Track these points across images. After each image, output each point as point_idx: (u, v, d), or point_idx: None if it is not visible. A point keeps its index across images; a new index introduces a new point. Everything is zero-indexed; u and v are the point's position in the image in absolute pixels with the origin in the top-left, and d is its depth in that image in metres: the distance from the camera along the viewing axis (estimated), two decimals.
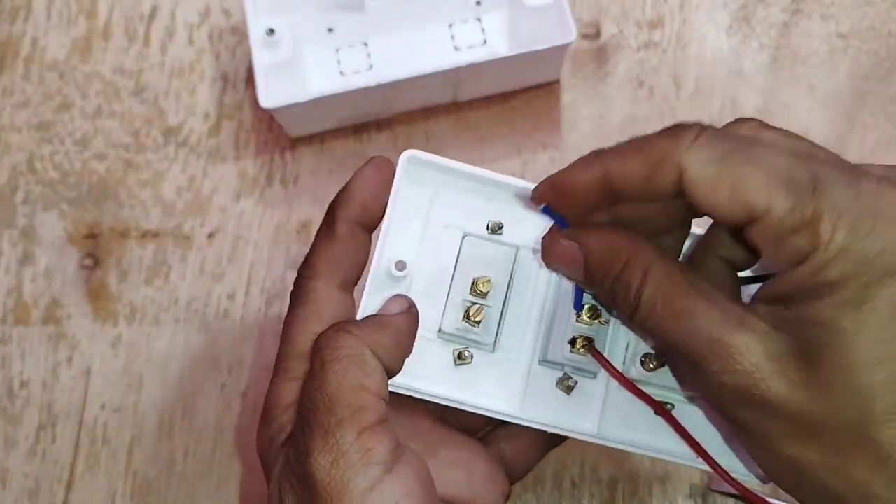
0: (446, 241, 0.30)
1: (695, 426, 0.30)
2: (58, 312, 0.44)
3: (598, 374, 0.30)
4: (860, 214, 0.22)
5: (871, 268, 0.21)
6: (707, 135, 0.24)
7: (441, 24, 0.46)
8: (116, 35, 0.49)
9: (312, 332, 0.28)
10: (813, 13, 0.48)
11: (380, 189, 0.29)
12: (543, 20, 0.44)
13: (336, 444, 0.25)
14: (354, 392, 0.26)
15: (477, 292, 0.30)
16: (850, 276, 0.22)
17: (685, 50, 0.47)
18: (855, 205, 0.22)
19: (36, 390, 0.43)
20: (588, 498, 0.40)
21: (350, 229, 0.29)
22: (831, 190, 0.22)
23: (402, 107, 0.46)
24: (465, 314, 0.30)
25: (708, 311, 0.24)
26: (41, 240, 0.45)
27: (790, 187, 0.22)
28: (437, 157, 0.30)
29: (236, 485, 0.41)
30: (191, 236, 0.45)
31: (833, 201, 0.22)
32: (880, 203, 0.22)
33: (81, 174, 0.46)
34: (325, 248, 0.29)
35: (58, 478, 0.41)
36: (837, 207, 0.22)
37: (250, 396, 0.42)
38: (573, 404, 0.30)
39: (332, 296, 0.29)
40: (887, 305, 0.21)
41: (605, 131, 0.46)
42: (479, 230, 0.31)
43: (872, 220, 0.21)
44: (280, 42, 0.43)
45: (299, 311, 0.29)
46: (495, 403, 0.30)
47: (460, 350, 0.30)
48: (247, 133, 0.47)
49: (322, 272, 0.29)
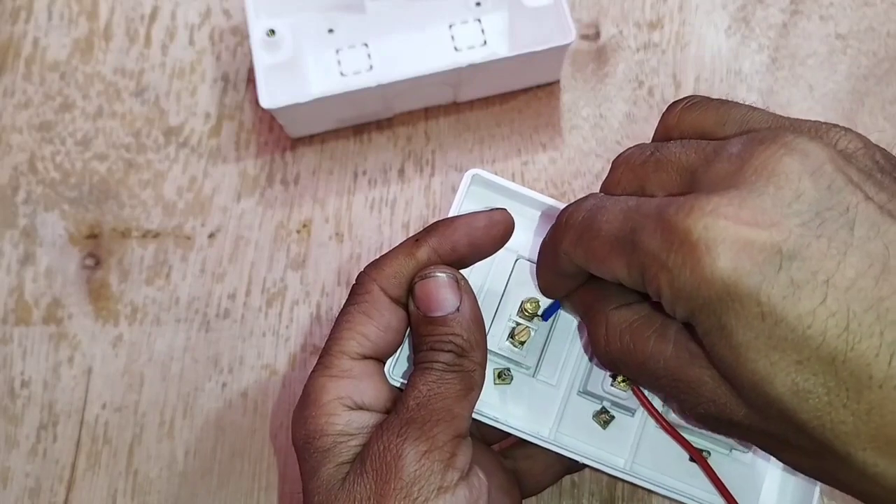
0: (499, 262, 0.31)
1: (729, 476, 0.30)
2: (59, 312, 0.44)
3: (637, 412, 0.31)
4: (669, 252, 0.22)
5: (700, 299, 0.22)
6: (571, 215, 0.26)
7: (441, 25, 0.46)
8: (117, 36, 0.49)
9: (360, 332, 0.29)
10: (812, 14, 0.48)
11: (483, 239, 0.30)
12: (543, 21, 0.44)
13: (433, 439, 0.27)
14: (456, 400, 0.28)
15: (524, 314, 0.30)
16: (693, 311, 0.22)
17: (684, 50, 0.47)
18: (664, 246, 0.22)
19: (37, 390, 0.43)
20: (588, 498, 0.40)
21: (431, 259, 0.29)
22: (644, 238, 0.23)
23: (402, 107, 0.46)
24: (511, 334, 0.30)
25: (661, 349, 0.25)
26: (42, 240, 0.45)
27: (620, 250, 0.24)
28: (500, 178, 0.31)
29: (237, 484, 0.41)
30: (192, 236, 0.45)
31: (646, 249, 0.23)
32: (678, 234, 0.22)
33: (82, 174, 0.46)
34: (399, 261, 0.30)
35: (59, 477, 0.41)
36: (651, 254, 0.23)
37: (251, 396, 0.42)
38: (607, 438, 0.31)
39: (385, 305, 0.29)
40: (739, 326, 0.21)
41: (605, 131, 0.46)
42: (532, 254, 0.31)
43: (681, 256, 0.22)
44: (281, 43, 0.43)
45: (349, 309, 0.30)
46: (529, 425, 0.31)
47: (501, 370, 0.31)
48: (247, 133, 0.47)
49: (384, 280, 0.29)
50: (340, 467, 0.28)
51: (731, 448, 0.31)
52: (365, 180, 0.46)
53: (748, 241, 0.21)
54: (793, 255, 0.21)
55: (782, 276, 0.21)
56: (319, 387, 0.29)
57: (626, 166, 0.26)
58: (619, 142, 0.46)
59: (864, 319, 0.20)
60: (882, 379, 0.20)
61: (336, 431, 0.28)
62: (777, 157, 0.22)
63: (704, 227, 0.21)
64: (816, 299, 0.21)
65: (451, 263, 0.29)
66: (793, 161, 0.22)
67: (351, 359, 0.29)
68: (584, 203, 0.26)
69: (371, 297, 0.29)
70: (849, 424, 0.21)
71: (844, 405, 0.21)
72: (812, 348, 0.21)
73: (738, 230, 0.21)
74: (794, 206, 0.21)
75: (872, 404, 0.20)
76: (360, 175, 0.46)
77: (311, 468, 0.28)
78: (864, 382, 0.20)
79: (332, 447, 0.28)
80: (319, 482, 0.27)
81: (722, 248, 0.21)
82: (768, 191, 0.22)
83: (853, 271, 0.21)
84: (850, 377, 0.21)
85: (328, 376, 0.29)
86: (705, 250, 0.21)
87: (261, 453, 0.41)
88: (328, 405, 0.28)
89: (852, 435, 0.21)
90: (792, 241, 0.21)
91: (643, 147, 0.26)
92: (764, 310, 0.21)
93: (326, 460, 0.28)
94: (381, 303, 0.29)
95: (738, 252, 0.21)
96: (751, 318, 0.21)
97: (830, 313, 0.21)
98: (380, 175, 0.46)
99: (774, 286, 0.21)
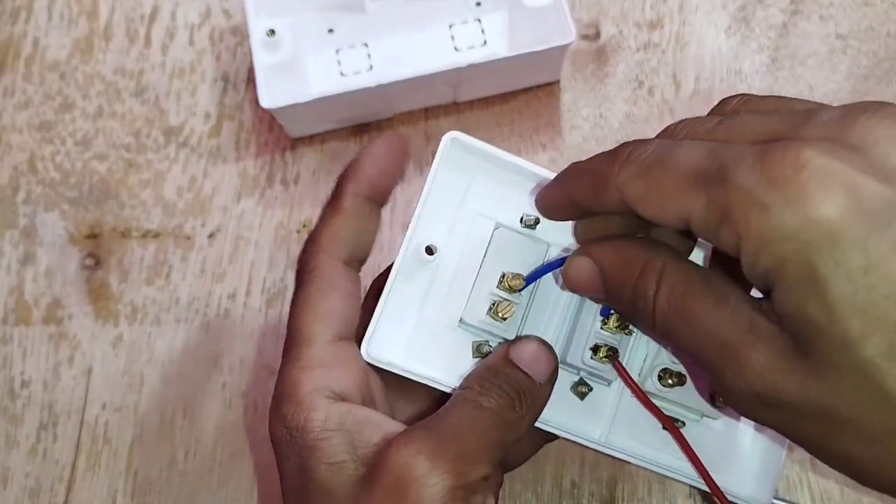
0: (478, 230, 0.30)
1: (702, 446, 0.30)
2: (59, 312, 0.44)
3: (613, 382, 0.30)
4: (771, 187, 0.20)
5: (798, 242, 0.20)
6: (636, 149, 0.24)
7: (441, 25, 0.46)
8: (117, 36, 0.49)
9: (322, 312, 0.28)
10: (812, 14, 0.48)
11: (391, 163, 0.29)
12: (543, 21, 0.44)
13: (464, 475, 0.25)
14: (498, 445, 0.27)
15: (506, 287, 0.29)
16: (785, 260, 0.21)
17: (684, 50, 0.48)
18: (764, 181, 0.21)
19: (37, 390, 0.43)
20: (588, 498, 0.40)
21: (357, 204, 0.29)
22: (737, 173, 0.21)
23: (402, 107, 0.46)
24: (493, 309, 0.29)
25: (717, 313, 0.23)
26: (42, 240, 0.45)
27: (700, 185, 0.22)
28: (480, 142, 0.29)
29: (237, 484, 0.41)
30: (191, 236, 0.45)
31: (739, 184, 0.21)
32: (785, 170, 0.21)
33: (82, 174, 0.46)
34: (329, 223, 0.29)
35: (59, 477, 0.41)
36: (744, 189, 0.21)
37: (251, 396, 0.42)
38: (584, 409, 0.30)
39: (336, 271, 0.28)
40: (837, 278, 0.20)
41: (605, 131, 0.46)
42: (513, 223, 0.30)
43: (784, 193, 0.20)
44: (281, 42, 0.43)
45: (301, 291, 0.28)
46: None
47: (480, 343, 0.30)
48: (247, 133, 0.47)
49: (326, 246, 0.28)
50: (332, 468, 0.26)
51: (702, 415, 0.30)
52: None
53: (862, 189, 0.20)
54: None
55: (893, 231, 0.20)
56: (292, 382, 0.27)
57: (688, 133, 0.24)
58: (619, 142, 0.46)
59: None
60: None
61: (317, 427, 0.27)
62: (887, 124, 0.21)
63: (818, 166, 0.20)
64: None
65: (374, 199, 0.29)
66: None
67: (320, 345, 0.28)
68: (650, 142, 0.24)
69: (320, 270, 0.28)
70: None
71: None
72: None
73: (853, 175, 0.20)
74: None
75: None
76: None
77: (295, 466, 0.27)
78: None
79: (314, 444, 0.27)
80: (315, 486, 0.26)
81: (834, 188, 0.20)
82: (883, 149, 0.21)
83: None
84: None
85: (299, 368, 0.28)
86: (815, 188, 0.20)
87: (261, 453, 0.41)
88: (305, 399, 0.27)
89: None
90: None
91: (702, 119, 0.25)
92: (870, 261, 0.19)
93: (312, 459, 0.27)
94: (333, 270, 0.28)
95: (851, 197, 0.20)
96: (852, 271, 0.20)
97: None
98: None
99: (884, 239, 0.19)
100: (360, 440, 0.27)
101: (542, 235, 0.30)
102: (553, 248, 0.30)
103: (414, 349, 0.29)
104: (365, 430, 0.27)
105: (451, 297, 0.29)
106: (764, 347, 0.22)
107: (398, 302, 0.29)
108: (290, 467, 0.27)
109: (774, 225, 0.20)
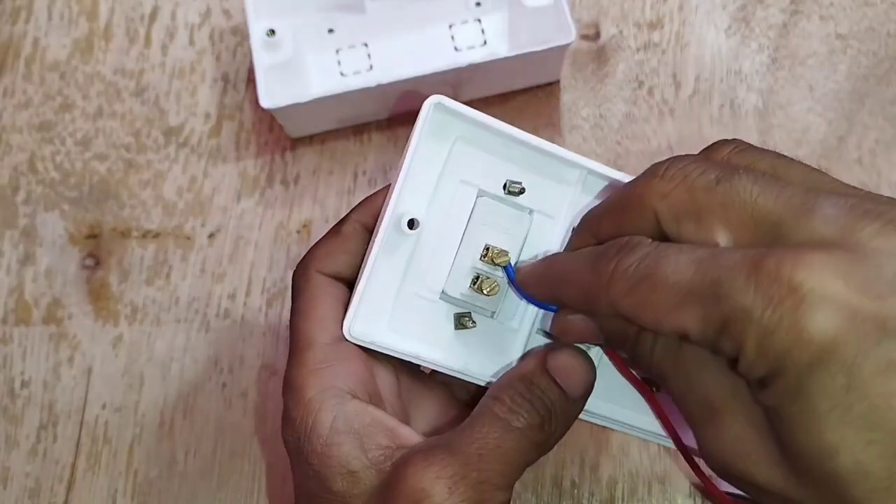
0: (460, 199, 0.29)
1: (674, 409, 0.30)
2: (59, 312, 0.44)
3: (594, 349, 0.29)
4: (767, 307, 0.21)
5: (790, 360, 0.20)
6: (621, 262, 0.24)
7: (441, 25, 0.46)
8: (117, 36, 0.49)
9: (319, 317, 0.28)
10: (812, 14, 0.48)
11: None
12: (543, 21, 0.44)
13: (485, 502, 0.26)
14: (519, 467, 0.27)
15: (490, 262, 0.29)
16: (777, 372, 0.21)
17: (684, 51, 0.47)
18: (759, 300, 0.21)
19: (37, 390, 0.43)
20: (588, 498, 0.40)
21: (356, 230, 0.30)
22: (732, 289, 0.21)
23: (402, 107, 0.46)
24: (478, 284, 0.28)
25: (708, 372, 0.24)
26: (42, 240, 0.45)
27: (695, 302, 0.22)
28: (465, 107, 0.28)
29: (237, 484, 0.41)
30: (191, 236, 0.45)
31: (735, 303, 0.21)
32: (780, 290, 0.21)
33: (82, 174, 0.46)
34: (327, 242, 0.30)
35: (59, 477, 0.41)
36: (739, 307, 0.21)
37: (251, 396, 0.42)
38: None
39: (327, 282, 0.29)
40: (822, 396, 0.20)
41: (605, 131, 0.46)
42: (496, 190, 0.29)
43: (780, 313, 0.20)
44: (280, 43, 0.43)
45: (297, 301, 0.29)
46: (490, 369, 0.29)
47: (462, 315, 0.29)
48: (247, 133, 0.47)
49: (319, 262, 0.30)
50: (347, 478, 0.26)
51: None
52: (365, 180, 0.46)
53: (856, 309, 0.20)
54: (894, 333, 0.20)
55: (880, 353, 0.20)
56: (298, 386, 0.28)
57: (684, 185, 0.24)
58: (619, 142, 0.46)
59: None
60: None
61: (326, 430, 0.27)
62: (887, 232, 0.21)
63: (812, 288, 0.20)
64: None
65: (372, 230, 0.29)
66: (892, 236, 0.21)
67: (320, 347, 0.28)
68: (633, 250, 0.24)
69: (314, 281, 0.29)
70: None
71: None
72: (888, 430, 0.20)
73: (848, 296, 0.20)
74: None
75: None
76: (360, 175, 0.46)
77: (308, 473, 0.27)
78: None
79: (325, 450, 0.27)
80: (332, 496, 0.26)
81: (830, 309, 0.20)
82: (881, 262, 0.20)
83: None
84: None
85: (303, 372, 0.28)
86: (808, 309, 0.20)
87: (261, 453, 0.41)
88: (312, 401, 0.27)
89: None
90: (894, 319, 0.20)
91: (704, 166, 0.24)
92: (852, 382, 0.20)
93: (326, 468, 0.27)
94: (324, 280, 0.29)
95: (844, 318, 0.20)
96: (835, 389, 0.20)
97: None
98: (380, 175, 0.46)
99: (869, 360, 0.20)
100: (369, 442, 0.27)
101: (526, 202, 0.29)
102: (537, 216, 0.29)
103: (395, 325, 0.29)
104: (374, 431, 0.27)
105: (431, 269, 0.29)
106: (743, 421, 0.23)
107: (379, 278, 0.28)
108: (303, 474, 0.27)
109: (769, 343, 0.21)
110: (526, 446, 0.26)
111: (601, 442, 0.40)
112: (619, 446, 0.40)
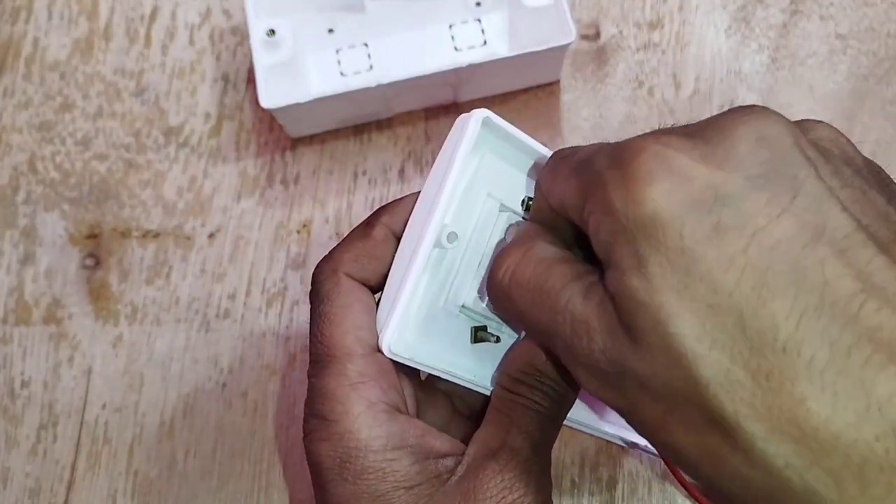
0: (486, 212, 0.29)
1: None
2: (59, 312, 0.44)
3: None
4: (612, 168, 0.22)
5: (626, 221, 0.21)
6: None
7: (441, 25, 0.46)
8: (117, 36, 0.49)
9: (353, 326, 0.27)
10: (812, 14, 0.48)
11: None
12: (543, 21, 0.44)
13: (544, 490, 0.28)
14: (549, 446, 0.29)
15: None
16: (615, 234, 0.21)
17: (684, 51, 0.47)
18: (609, 163, 0.22)
19: (37, 390, 0.43)
20: (588, 498, 0.40)
21: (387, 237, 0.29)
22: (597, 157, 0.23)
23: (402, 107, 0.46)
24: None
25: (574, 289, 0.24)
26: (42, 240, 0.45)
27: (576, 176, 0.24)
28: (511, 125, 0.28)
29: (237, 484, 0.41)
30: (191, 236, 0.45)
31: (594, 167, 0.23)
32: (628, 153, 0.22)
33: (82, 174, 0.46)
34: (356, 245, 0.29)
35: (59, 477, 0.41)
36: (596, 171, 0.22)
37: (251, 396, 0.42)
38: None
39: (357, 288, 0.28)
40: (656, 258, 0.21)
41: (605, 132, 0.46)
42: (515, 206, 0.29)
43: (620, 173, 0.22)
44: (281, 42, 0.43)
45: (324, 307, 0.28)
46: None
47: (479, 329, 0.29)
48: (247, 133, 0.47)
49: (347, 265, 0.28)
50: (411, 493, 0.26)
51: None
52: (365, 180, 0.46)
53: (688, 176, 0.21)
54: (727, 200, 0.20)
55: (711, 217, 0.20)
56: (341, 399, 0.26)
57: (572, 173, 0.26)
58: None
59: (781, 280, 0.20)
60: (785, 341, 0.19)
61: (380, 447, 0.26)
62: (738, 121, 0.22)
63: (653, 153, 0.21)
64: (738, 247, 0.20)
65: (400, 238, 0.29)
66: (752, 127, 0.22)
67: (359, 358, 0.27)
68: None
69: (343, 286, 0.28)
70: (746, 389, 0.19)
71: (745, 364, 0.20)
72: (724, 294, 0.20)
73: (683, 163, 0.21)
74: (744, 161, 0.21)
75: (773, 367, 0.19)
76: (360, 175, 0.46)
77: (362, 490, 0.26)
78: (768, 342, 0.19)
79: (381, 466, 0.26)
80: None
81: (661, 173, 0.21)
82: (723, 143, 0.21)
83: (782, 233, 0.20)
84: (756, 335, 0.20)
85: (349, 384, 0.27)
86: (645, 171, 0.21)
87: (261, 454, 0.41)
88: (361, 417, 0.26)
89: (747, 403, 0.20)
90: (730, 187, 0.21)
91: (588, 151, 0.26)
92: (685, 244, 0.20)
93: (385, 481, 0.26)
94: (354, 286, 0.28)
95: (676, 183, 0.21)
96: (669, 251, 0.20)
97: (749, 265, 0.20)
98: (380, 175, 0.46)
99: (700, 224, 0.20)
100: (424, 456, 0.27)
101: None
102: None
103: (425, 339, 0.28)
104: (426, 444, 0.27)
105: (456, 282, 0.28)
106: (608, 324, 0.22)
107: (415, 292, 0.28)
108: (349, 493, 0.26)
109: (608, 200, 0.22)
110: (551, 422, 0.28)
111: (601, 442, 0.40)
112: (619, 446, 0.40)
